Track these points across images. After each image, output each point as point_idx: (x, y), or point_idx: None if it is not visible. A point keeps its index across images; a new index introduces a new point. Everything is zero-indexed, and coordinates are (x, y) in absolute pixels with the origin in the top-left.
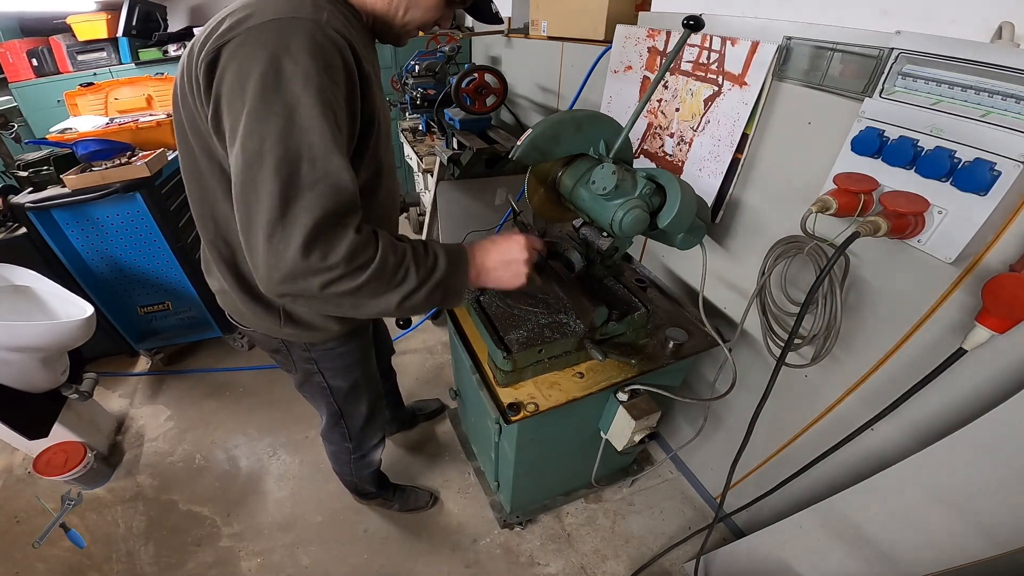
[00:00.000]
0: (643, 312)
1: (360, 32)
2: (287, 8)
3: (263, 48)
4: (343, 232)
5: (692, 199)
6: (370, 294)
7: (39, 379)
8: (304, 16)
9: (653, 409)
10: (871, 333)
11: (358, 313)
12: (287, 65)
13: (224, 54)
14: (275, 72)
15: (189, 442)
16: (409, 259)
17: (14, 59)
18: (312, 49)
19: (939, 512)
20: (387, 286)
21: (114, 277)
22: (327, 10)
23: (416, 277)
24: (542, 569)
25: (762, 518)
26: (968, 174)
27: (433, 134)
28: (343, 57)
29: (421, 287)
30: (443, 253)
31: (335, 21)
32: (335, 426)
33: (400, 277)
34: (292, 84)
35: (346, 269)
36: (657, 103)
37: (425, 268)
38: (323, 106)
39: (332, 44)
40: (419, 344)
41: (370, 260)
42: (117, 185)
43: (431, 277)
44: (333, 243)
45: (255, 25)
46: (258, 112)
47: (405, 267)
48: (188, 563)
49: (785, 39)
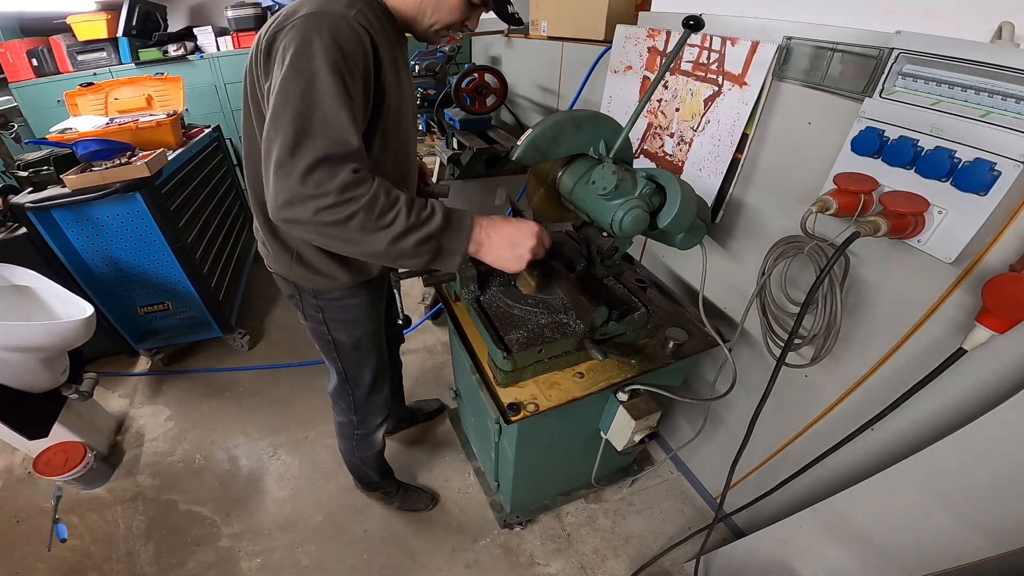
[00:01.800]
0: (643, 312)
1: (387, 28)
2: (327, 3)
3: (300, 32)
4: (340, 169)
5: (692, 199)
6: (358, 228)
7: (39, 379)
8: (336, 11)
9: (653, 409)
10: (871, 333)
11: (349, 250)
12: (316, 45)
13: (279, 36)
14: (306, 49)
15: (189, 442)
16: (402, 204)
17: (14, 59)
18: (336, 35)
19: (939, 512)
20: (375, 223)
21: (114, 277)
22: (359, 7)
23: (405, 222)
24: (542, 569)
25: (762, 518)
26: (968, 174)
27: (433, 134)
28: (361, 43)
29: (409, 233)
30: (442, 211)
31: (362, 16)
32: (342, 388)
33: (389, 218)
34: (316, 59)
35: (337, 199)
36: (657, 103)
37: (417, 217)
38: (338, 77)
39: (353, 32)
40: (419, 344)
41: (361, 195)
42: (117, 185)
43: (421, 227)
44: (329, 175)
45: (302, 15)
46: (289, 76)
47: (396, 210)
48: (188, 563)
49: (785, 39)
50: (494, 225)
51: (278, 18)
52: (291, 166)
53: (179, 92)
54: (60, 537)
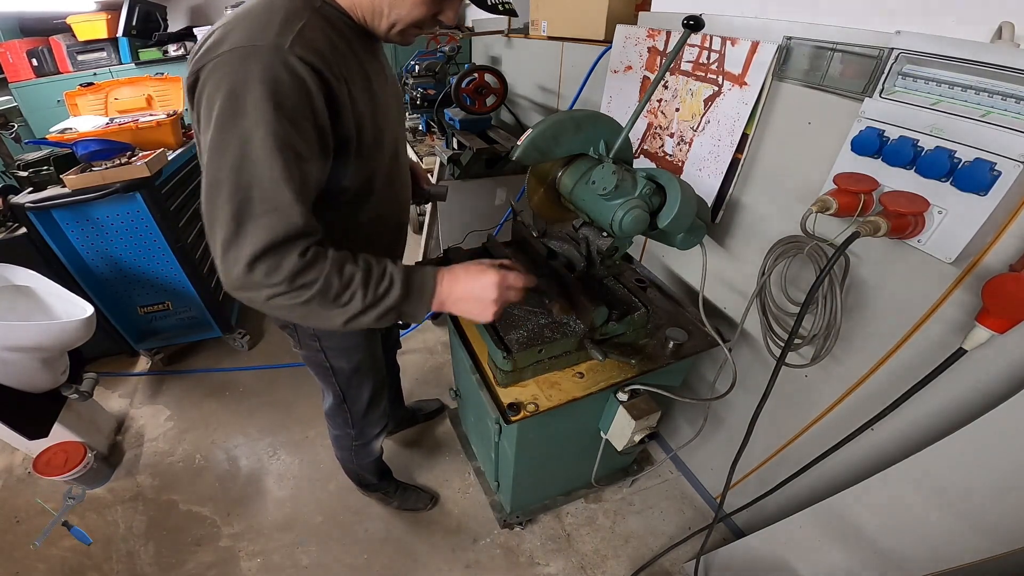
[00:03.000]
0: (643, 312)
1: (349, 37)
2: (253, 33)
3: (225, 79)
4: (288, 255)
5: (692, 199)
6: (315, 312)
7: (39, 379)
8: (266, 44)
9: (653, 409)
10: (871, 333)
11: (307, 323)
12: (243, 100)
13: (201, 77)
14: (232, 106)
15: (189, 442)
16: (357, 284)
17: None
18: (268, 84)
19: (939, 512)
20: (331, 306)
21: (114, 277)
22: (301, 25)
23: (362, 302)
24: (542, 569)
25: (762, 518)
26: (968, 174)
27: (433, 134)
28: (304, 86)
29: (368, 310)
30: (400, 281)
31: (302, 44)
32: (339, 408)
33: (345, 300)
34: (246, 119)
35: (288, 287)
36: (657, 103)
37: (374, 294)
38: (275, 140)
39: (291, 75)
40: (419, 344)
41: (313, 282)
42: (117, 185)
43: (380, 303)
44: (276, 265)
45: (223, 52)
46: (217, 142)
47: (351, 292)
48: (188, 563)
49: (785, 39)
50: (455, 281)
51: (203, 46)
52: (237, 253)
53: (179, 92)
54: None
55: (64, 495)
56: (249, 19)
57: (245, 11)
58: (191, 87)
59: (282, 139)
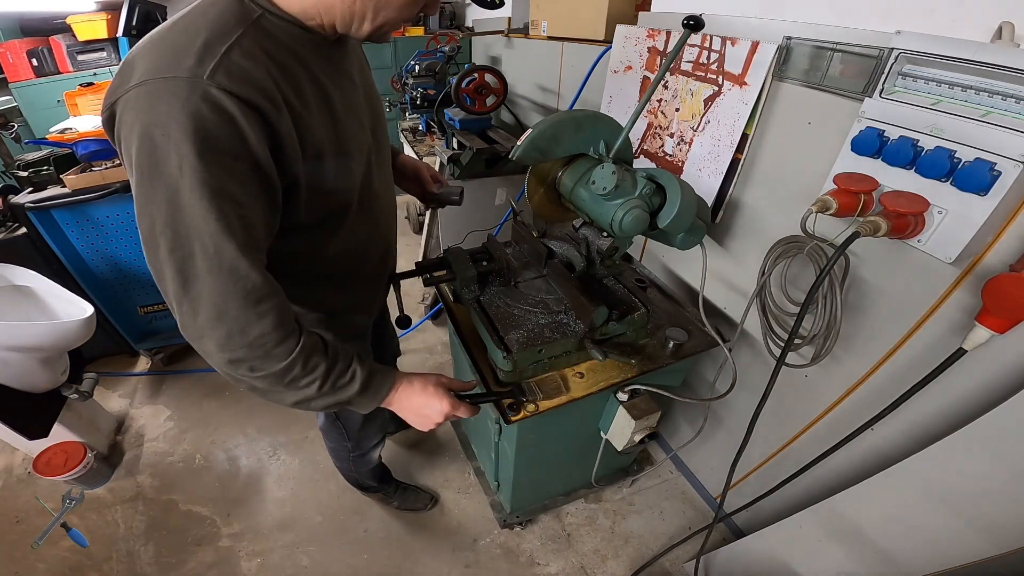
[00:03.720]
0: (643, 312)
1: (293, 48)
2: (166, 61)
3: (137, 120)
4: (255, 318)
5: (692, 199)
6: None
7: (39, 379)
8: (180, 75)
9: (653, 409)
10: (871, 333)
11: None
12: (160, 143)
13: (116, 112)
14: (150, 149)
15: (189, 442)
16: (318, 375)
17: (14, 59)
18: (186, 124)
19: (939, 512)
20: (285, 388)
21: (114, 277)
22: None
23: (317, 391)
24: (542, 569)
25: (762, 518)
26: (968, 174)
27: (433, 134)
28: (232, 125)
29: (319, 398)
30: (360, 381)
31: (231, 68)
32: (333, 424)
33: (301, 385)
34: (167, 166)
35: (254, 354)
36: (657, 103)
37: (331, 388)
38: (205, 190)
39: (216, 111)
40: (419, 344)
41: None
42: (117, 185)
43: (334, 395)
44: (243, 327)
45: (133, 86)
46: (143, 190)
47: (310, 379)
48: (188, 563)
49: (785, 39)
50: (410, 396)
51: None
52: (192, 310)
53: None
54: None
55: (63, 497)
56: (164, 42)
57: (164, 30)
58: (108, 122)
59: (212, 187)
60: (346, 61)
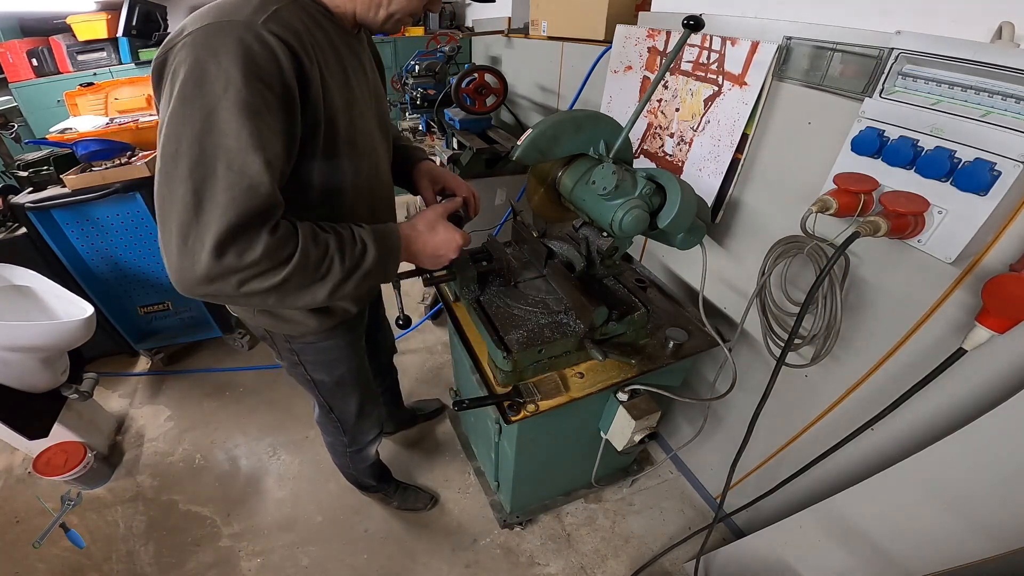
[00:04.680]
0: (643, 312)
1: (327, 29)
2: (225, 12)
3: (192, 53)
4: (258, 233)
5: (692, 199)
6: (295, 288)
7: (39, 379)
8: (239, 20)
9: (653, 409)
10: (871, 333)
11: (285, 305)
12: (210, 68)
13: (169, 58)
14: (198, 75)
15: (189, 442)
16: (333, 250)
17: (14, 59)
18: (238, 52)
19: (939, 512)
20: (311, 279)
21: (114, 277)
22: (272, 9)
23: (342, 268)
24: (542, 569)
25: (762, 518)
26: (968, 174)
27: (433, 134)
28: (275, 58)
29: (349, 278)
30: (372, 241)
31: (277, 22)
32: (327, 417)
33: (324, 269)
34: (213, 87)
35: (265, 266)
36: (657, 103)
37: (352, 258)
38: (244, 107)
39: (263, 46)
40: (419, 344)
41: (290, 255)
42: (117, 185)
43: (359, 267)
44: (248, 243)
45: (194, 30)
46: (178, 114)
47: (329, 259)
48: (188, 563)
49: (785, 39)
50: (421, 240)
51: (171, 34)
52: (199, 237)
53: None
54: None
55: (62, 498)
56: (220, 5)
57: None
58: (158, 68)
59: (251, 106)
60: (363, 55)
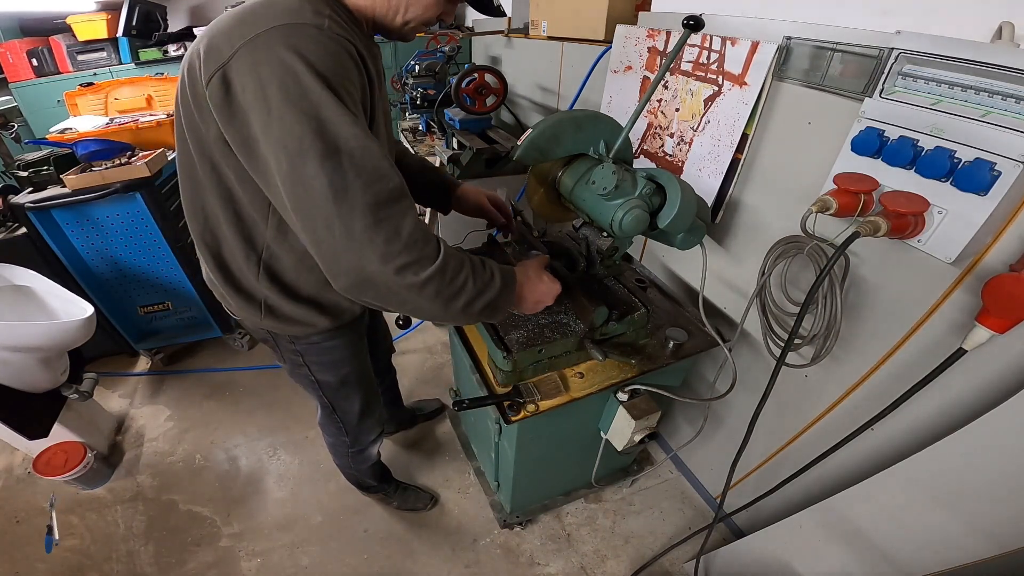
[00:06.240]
0: (643, 312)
1: (360, 37)
2: (288, 15)
3: (274, 55)
4: (402, 215)
5: (692, 199)
6: (433, 294)
7: (39, 379)
8: (307, 21)
9: (653, 409)
10: (871, 333)
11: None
12: (299, 70)
13: (235, 68)
14: (293, 76)
15: (189, 442)
16: (467, 267)
17: (14, 59)
18: (323, 50)
19: (939, 512)
20: (449, 289)
21: (114, 277)
22: (327, 16)
23: (474, 287)
24: (542, 569)
25: (762, 518)
26: (968, 174)
27: (433, 134)
28: (351, 57)
29: (477, 298)
30: (498, 272)
31: (337, 25)
32: (330, 418)
33: (460, 282)
34: (313, 85)
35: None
36: (657, 103)
37: (482, 280)
38: (344, 102)
39: (340, 45)
40: (419, 344)
41: (434, 253)
42: (117, 185)
43: (485, 292)
44: (396, 225)
45: (259, 34)
46: (287, 116)
47: (465, 273)
48: (188, 563)
49: (785, 39)
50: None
51: (216, 43)
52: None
53: None
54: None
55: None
56: (270, 8)
57: (256, 5)
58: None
59: (349, 102)
60: (380, 61)
